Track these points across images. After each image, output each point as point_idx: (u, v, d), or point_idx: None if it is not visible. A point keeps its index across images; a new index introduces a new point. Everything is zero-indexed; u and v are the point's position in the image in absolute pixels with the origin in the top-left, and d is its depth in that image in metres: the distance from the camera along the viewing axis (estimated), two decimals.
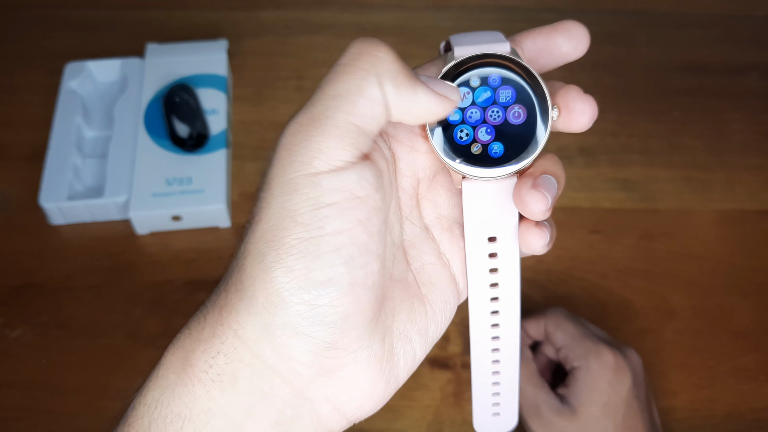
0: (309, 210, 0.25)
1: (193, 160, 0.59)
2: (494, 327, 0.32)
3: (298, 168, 0.25)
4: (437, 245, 0.30)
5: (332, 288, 0.25)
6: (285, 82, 0.67)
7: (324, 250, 0.25)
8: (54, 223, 0.58)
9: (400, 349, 0.28)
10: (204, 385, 0.26)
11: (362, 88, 0.25)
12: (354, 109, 0.25)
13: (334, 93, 0.25)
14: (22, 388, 0.51)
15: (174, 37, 0.67)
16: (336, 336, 0.25)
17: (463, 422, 0.50)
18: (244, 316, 0.25)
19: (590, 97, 0.28)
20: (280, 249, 0.25)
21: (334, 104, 0.25)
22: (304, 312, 0.25)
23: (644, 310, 0.55)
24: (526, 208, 0.27)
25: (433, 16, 0.72)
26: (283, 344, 0.25)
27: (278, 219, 0.25)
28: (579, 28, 0.29)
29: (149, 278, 0.56)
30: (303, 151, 0.25)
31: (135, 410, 0.26)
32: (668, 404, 0.51)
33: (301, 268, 0.24)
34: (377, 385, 0.27)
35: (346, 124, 0.25)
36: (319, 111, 0.25)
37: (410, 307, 0.29)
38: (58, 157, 0.59)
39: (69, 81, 0.63)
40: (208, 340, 0.26)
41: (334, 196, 0.25)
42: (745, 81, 0.68)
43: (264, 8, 0.73)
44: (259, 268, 0.25)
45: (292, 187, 0.25)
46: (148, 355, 0.52)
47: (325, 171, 0.25)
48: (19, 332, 0.53)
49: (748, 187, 0.61)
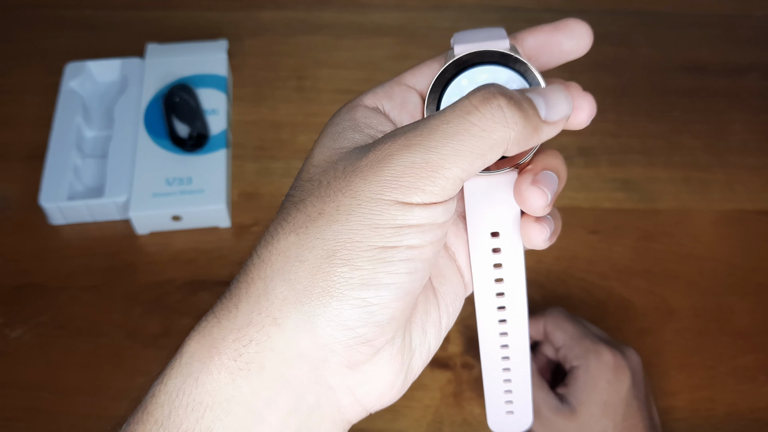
0: (392, 227, 0.25)
1: (193, 160, 0.59)
2: (501, 323, 0.32)
3: (395, 195, 0.25)
4: None
5: (393, 291, 0.25)
6: (285, 82, 0.67)
7: (396, 258, 0.25)
8: (54, 223, 0.58)
9: (418, 341, 0.29)
10: (231, 374, 0.26)
11: (485, 155, 0.25)
12: (472, 168, 0.26)
13: (459, 149, 0.25)
14: (22, 388, 0.51)
15: (174, 37, 0.67)
16: (376, 334, 0.26)
17: (462, 422, 0.50)
18: (291, 305, 0.25)
19: (589, 95, 0.28)
20: (354, 251, 0.25)
21: (458, 160, 0.25)
22: (357, 307, 0.25)
23: (644, 310, 0.55)
24: (526, 204, 0.28)
25: (433, 16, 0.72)
26: (323, 335, 0.25)
27: (359, 228, 0.25)
28: (582, 26, 0.29)
29: (149, 278, 0.56)
30: (404, 185, 0.25)
31: (155, 397, 0.26)
32: (668, 404, 0.51)
33: (370, 269, 0.25)
34: (397, 377, 0.28)
35: (455, 178, 0.26)
36: (438, 159, 0.25)
37: (425, 299, 0.29)
38: (58, 157, 0.59)
39: (69, 81, 0.63)
40: (242, 328, 0.26)
41: (420, 220, 0.25)
42: (745, 81, 0.68)
43: (264, 8, 0.73)
44: (326, 262, 0.25)
45: (382, 207, 0.25)
46: (148, 355, 0.52)
47: (419, 203, 0.25)
48: (19, 332, 0.53)
49: (747, 187, 0.61)
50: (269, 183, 0.61)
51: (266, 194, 0.60)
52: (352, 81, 0.67)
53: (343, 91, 0.66)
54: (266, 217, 0.59)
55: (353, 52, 0.69)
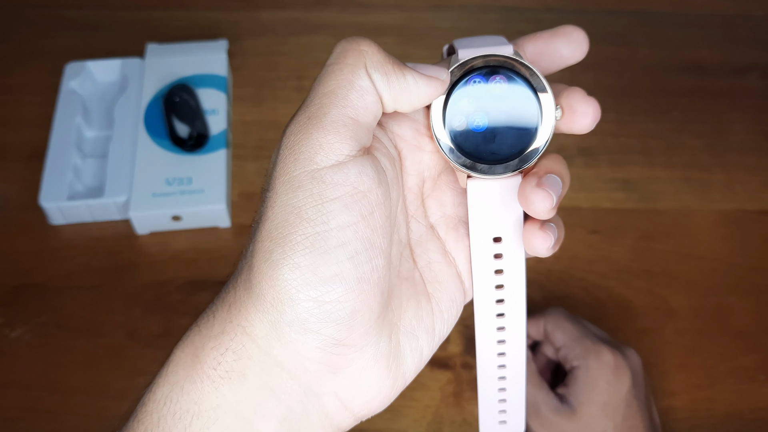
0: (313, 205, 0.25)
1: (193, 160, 0.59)
2: (500, 330, 0.32)
3: (300, 165, 0.25)
4: (443, 244, 0.30)
5: (339, 284, 0.25)
6: (285, 82, 0.67)
7: (330, 246, 0.25)
8: (54, 223, 0.58)
9: (407, 346, 0.28)
10: (213, 382, 0.26)
11: (352, 81, 0.26)
12: (347, 102, 0.26)
13: (327, 90, 0.26)
14: (22, 388, 0.51)
15: (174, 37, 0.67)
16: (343, 332, 0.25)
17: (462, 422, 0.50)
18: (252, 313, 0.26)
19: (593, 99, 0.28)
20: (286, 246, 0.25)
21: (328, 101, 0.26)
22: (311, 309, 0.25)
23: (644, 310, 0.55)
24: (531, 207, 0.28)
25: (433, 16, 0.72)
26: (291, 341, 0.25)
27: (284, 216, 0.25)
28: (578, 33, 0.29)
29: (149, 278, 0.56)
30: (304, 148, 0.25)
31: (144, 406, 0.27)
32: (668, 404, 0.51)
33: (307, 265, 0.25)
34: (384, 382, 0.27)
35: (342, 117, 0.26)
36: (314, 109, 0.26)
37: (417, 304, 0.29)
38: (58, 157, 0.59)
39: (69, 81, 0.63)
40: (217, 336, 0.26)
41: (337, 191, 0.25)
42: (745, 81, 0.68)
43: (264, 8, 0.73)
44: (267, 265, 0.25)
45: (296, 184, 0.25)
46: (147, 355, 0.52)
47: (327, 166, 0.25)
48: (19, 332, 0.53)
49: (747, 188, 0.61)
50: None
51: None
52: None
53: None
54: None
55: None
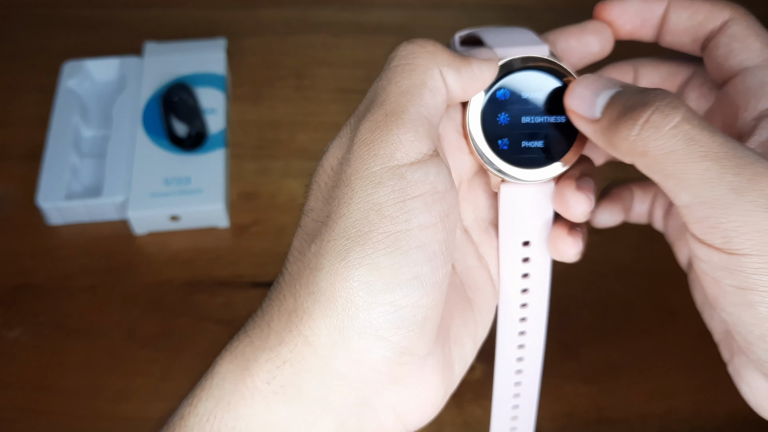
0: (395, 202, 0.24)
1: (192, 159, 0.58)
2: (521, 335, 0.31)
3: (380, 161, 0.24)
4: (476, 248, 0.30)
5: (417, 288, 0.24)
6: (284, 81, 0.67)
7: (411, 246, 0.24)
8: (52, 223, 0.58)
9: (456, 354, 0.28)
10: (265, 397, 0.24)
11: (425, 81, 0.25)
12: (422, 101, 0.25)
13: (401, 90, 0.25)
14: (20, 389, 0.51)
15: (172, 36, 0.67)
16: (413, 340, 0.24)
17: (463, 424, 0.50)
18: (318, 319, 0.24)
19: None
20: (366, 245, 0.23)
21: (405, 99, 0.25)
22: (386, 314, 0.23)
23: (646, 310, 0.55)
24: (569, 210, 0.27)
25: (433, 15, 0.72)
26: (357, 350, 0.24)
27: (363, 213, 0.24)
28: (606, 28, 0.30)
29: (147, 278, 0.56)
30: (383, 144, 0.24)
31: (183, 420, 0.25)
32: (670, 405, 0.50)
33: (388, 266, 0.23)
34: (438, 392, 0.27)
35: (419, 117, 0.25)
36: (392, 107, 0.25)
37: (462, 311, 0.28)
38: (56, 156, 0.59)
39: (67, 80, 0.63)
40: (274, 348, 0.24)
41: (419, 189, 0.24)
42: None
43: (263, 7, 0.72)
44: (342, 265, 0.23)
45: (377, 180, 0.24)
46: (146, 355, 0.52)
47: (407, 163, 0.24)
48: (17, 332, 0.53)
49: None
50: (268, 183, 0.60)
51: (265, 194, 0.60)
52: (352, 80, 0.66)
53: (342, 90, 0.65)
54: (265, 217, 0.58)
55: (353, 51, 0.69)
